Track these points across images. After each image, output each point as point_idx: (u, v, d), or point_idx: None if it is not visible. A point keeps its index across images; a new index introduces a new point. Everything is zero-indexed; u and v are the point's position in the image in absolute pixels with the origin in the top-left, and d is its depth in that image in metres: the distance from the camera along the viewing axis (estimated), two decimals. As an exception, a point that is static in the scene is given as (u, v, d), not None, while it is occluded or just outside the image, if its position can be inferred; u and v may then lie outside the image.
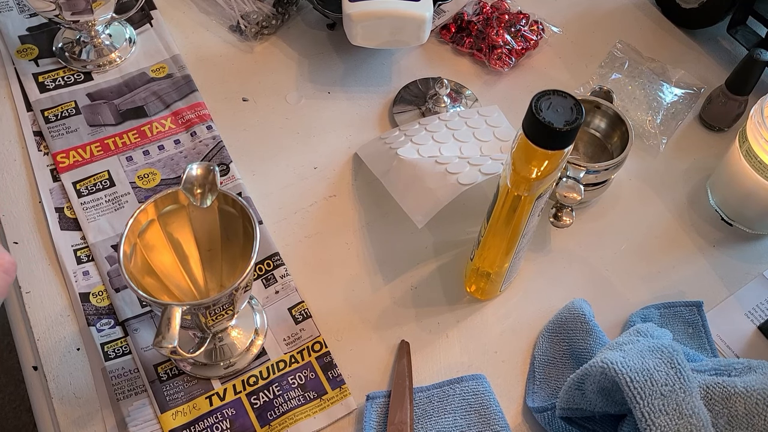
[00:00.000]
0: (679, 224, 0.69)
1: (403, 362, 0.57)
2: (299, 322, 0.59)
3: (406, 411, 0.54)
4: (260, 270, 0.62)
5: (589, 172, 0.62)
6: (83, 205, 0.64)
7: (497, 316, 0.62)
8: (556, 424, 0.54)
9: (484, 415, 0.55)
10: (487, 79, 0.78)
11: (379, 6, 0.67)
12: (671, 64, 0.79)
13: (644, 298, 0.63)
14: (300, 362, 0.57)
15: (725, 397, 0.48)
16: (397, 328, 0.60)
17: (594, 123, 0.68)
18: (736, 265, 0.66)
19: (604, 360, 0.48)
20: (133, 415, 0.54)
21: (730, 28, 0.79)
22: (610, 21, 0.85)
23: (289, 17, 0.81)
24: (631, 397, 0.46)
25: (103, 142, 0.68)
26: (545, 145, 0.45)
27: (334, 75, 0.77)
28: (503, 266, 0.58)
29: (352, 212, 0.67)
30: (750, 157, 0.63)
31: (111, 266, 0.61)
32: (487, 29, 0.79)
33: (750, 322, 0.62)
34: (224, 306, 0.50)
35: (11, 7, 0.78)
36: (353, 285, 0.62)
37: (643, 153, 0.73)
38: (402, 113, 0.73)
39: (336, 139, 0.72)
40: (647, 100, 0.76)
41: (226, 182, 0.67)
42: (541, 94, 0.45)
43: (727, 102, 0.73)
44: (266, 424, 0.54)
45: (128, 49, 0.76)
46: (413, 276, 0.63)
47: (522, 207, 0.50)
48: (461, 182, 0.59)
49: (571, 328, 0.59)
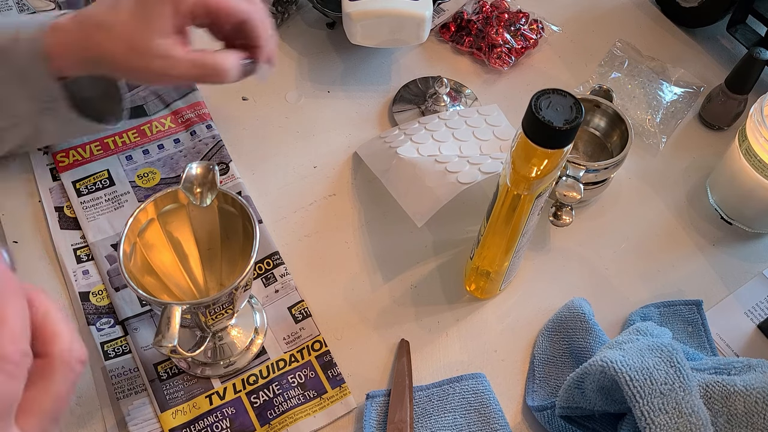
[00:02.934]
0: (679, 223, 0.69)
1: (403, 361, 0.57)
2: (299, 321, 0.59)
3: (406, 410, 0.54)
4: (260, 269, 0.62)
5: (589, 171, 0.62)
6: (83, 205, 0.64)
7: (497, 315, 0.62)
8: (555, 423, 0.54)
9: (483, 414, 0.55)
10: (487, 78, 0.78)
11: (379, 5, 0.67)
12: (671, 63, 0.79)
13: (644, 297, 0.63)
14: (300, 361, 0.57)
15: (725, 395, 0.48)
16: (396, 327, 0.60)
17: (593, 122, 0.68)
18: (735, 263, 0.66)
19: (603, 359, 0.48)
20: (133, 414, 0.54)
21: (729, 26, 0.79)
22: (609, 20, 0.85)
23: (288, 16, 0.81)
24: (631, 395, 0.46)
25: (102, 141, 0.68)
26: (545, 144, 0.45)
27: (333, 74, 0.77)
28: (503, 265, 0.58)
29: (351, 211, 0.67)
30: (749, 155, 0.63)
31: (111, 265, 0.61)
32: (486, 28, 0.79)
33: (749, 320, 0.62)
34: (224, 305, 0.50)
35: (11, 6, 0.78)
36: (353, 284, 0.62)
37: (643, 152, 0.73)
38: (402, 112, 0.73)
39: (335, 138, 0.72)
40: (647, 98, 0.76)
41: (226, 181, 0.67)
42: (540, 93, 0.45)
43: (726, 101, 0.73)
44: (266, 423, 0.54)
45: (128, 48, 0.76)
46: (413, 275, 0.63)
47: (522, 206, 0.50)
48: (461, 181, 0.59)
49: (570, 327, 0.59)
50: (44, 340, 0.33)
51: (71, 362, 0.34)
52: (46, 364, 0.33)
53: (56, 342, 0.33)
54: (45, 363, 0.33)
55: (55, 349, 0.33)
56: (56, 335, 0.33)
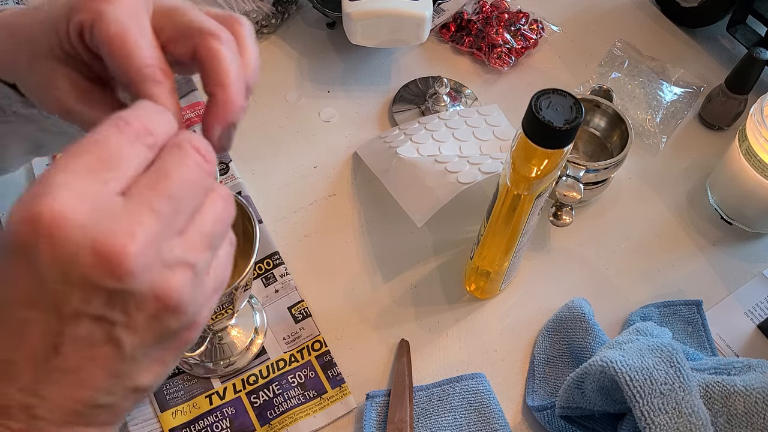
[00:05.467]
0: (679, 223, 0.69)
1: (403, 361, 0.57)
2: (299, 321, 0.59)
3: (406, 410, 0.54)
4: (260, 269, 0.62)
5: (589, 171, 0.62)
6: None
7: (497, 315, 0.62)
8: (555, 422, 0.54)
9: (483, 414, 0.55)
10: (487, 78, 0.78)
11: (379, 5, 0.67)
12: (671, 63, 0.79)
13: (644, 297, 0.63)
14: (300, 361, 0.57)
15: (725, 395, 0.48)
16: (396, 327, 0.60)
17: (594, 122, 0.68)
18: (735, 263, 0.66)
19: (603, 359, 0.48)
20: (133, 414, 0.54)
21: (729, 26, 0.79)
22: (609, 20, 0.85)
23: (288, 16, 0.81)
24: (631, 395, 0.46)
25: (102, 141, 0.68)
26: (545, 144, 0.45)
27: (333, 74, 0.77)
28: (503, 265, 0.58)
29: (351, 211, 0.67)
30: (750, 155, 0.63)
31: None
32: (486, 28, 0.79)
33: (749, 320, 0.62)
34: (224, 305, 0.50)
35: (10, 6, 0.78)
36: (353, 284, 0.62)
37: (643, 152, 0.73)
38: (402, 112, 0.73)
39: (335, 138, 0.72)
40: (647, 98, 0.76)
41: (226, 181, 0.67)
42: (540, 93, 0.45)
43: (726, 101, 0.73)
44: (266, 423, 0.54)
45: (128, 48, 0.76)
46: (413, 275, 0.63)
47: (522, 206, 0.50)
48: (461, 181, 0.59)
49: (570, 327, 0.59)
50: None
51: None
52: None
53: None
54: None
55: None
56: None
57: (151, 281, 0.28)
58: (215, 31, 0.34)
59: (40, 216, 0.26)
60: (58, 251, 0.26)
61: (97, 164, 0.28)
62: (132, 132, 0.29)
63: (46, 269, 0.26)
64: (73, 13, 0.34)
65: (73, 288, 0.27)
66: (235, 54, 0.36)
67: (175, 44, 0.35)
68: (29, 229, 0.26)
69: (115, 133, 0.29)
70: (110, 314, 0.28)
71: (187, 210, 0.30)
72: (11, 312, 0.28)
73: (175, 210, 0.29)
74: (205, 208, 0.31)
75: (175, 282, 0.29)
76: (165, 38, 0.35)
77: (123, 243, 0.26)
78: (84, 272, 0.26)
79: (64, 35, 0.35)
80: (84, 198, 0.27)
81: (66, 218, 0.26)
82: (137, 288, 0.27)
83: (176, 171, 0.29)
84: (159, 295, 0.28)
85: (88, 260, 0.26)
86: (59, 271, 0.26)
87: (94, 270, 0.26)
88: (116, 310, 0.28)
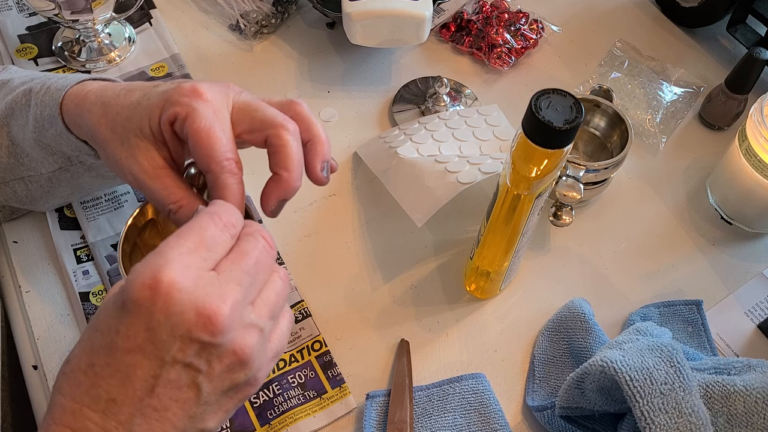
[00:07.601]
0: (679, 223, 0.69)
1: (403, 361, 0.57)
2: (299, 321, 0.59)
3: (406, 410, 0.54)
4: (260, 269, 0.62)
5: (589, 170, 0.62)
6: (83, 205, 0.64)
7: (497, 315, 0.62)
8: (555, 422, 0.54)
9: (483, 414, 0.55)
10: (487, 78, 0.78)
11: (379, 5, 0.67)
12: (671, 63, 0.79)
13: (644, 297, 0.63)
14: (300, 361, 0.57)
15: (725, 395, 0.48)
16: (396, 327, 0.60)
17: (593, 122, 0.68)
18: (735, 263, 0.66)
19: (603, 359, 0.48)
20: (133, 414, 0.54)
21: (729, 26, 0.79)
22: (609, 20, 0.85)
23: (288, 16, 0.81)
24: (631, 395, 0.46)
25: (102, 141, 0.68)
26: (545, 144, 0.45)
27: (333, 74, 0.77)
28: (503, 265, 0.58)
29: (351, 211, 0.67)
30: (750, 155, 0.63)
31: (111, 265, 0.61)
32: (486, 28, 0.79)
33: (749, 320, 0.62)
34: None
35: (11, 6, 0.78)
36: (353, 284, 0.62)
37: (643, 152, 0.73)
38: (402, 112, 0.73)
39: (335, 137, 0.72)
40: (647, 98, 0.76)
41: (226, 181, 0.67)
42: (540, 93, 0.45)
43: (726, 101, 0.73)
44: (266, 423, 0.54)
45: (128, 49, 0.76)
46: (413, 275, 0.63)
47: (522, 206, 0.50)
48: (461, 181, 0.59)
49: (570, 327, 0.59)
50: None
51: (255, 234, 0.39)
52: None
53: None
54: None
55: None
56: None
57: (233, 337, 0.36)
58: (284, 123, 0.44)
59: (159, 283, 0.34)
60: (170, 310, 0.34)
61: (199, 246, 0.36)
62: (222, 224, 0.38)
63: (158, 323, 0.34)
64: (168, 105, 0.42)
65: (176, 339, 0.34)
66: (299, 141, 0.44)
67: (249, 135, 0.44)
68: (149, 293, 0.34)
69: (211, 224, 0.37)
70: (197, 362, 0.35)
71: (259, 284, 0.38)
72: (122, 358, 0.35)
73: (251, 283, 0.37)
74: (269, 285, 0.39)
75: (249, 340, 0.36)
76: (241, 130, 0.44)
77: (218, 305, 0.35)
78: (187, 327, 0.34)
79: (155, 120, 0.43)
80: (190, 271, 0.35)
81: (177, 286, 0.34)
82: (222, 342, 0.35)
83: (252, 254, 0.38)
84: (236, 350, 0.36)
85: (192, 318, 0.34)
86: (169, 325, 0.34)
87: (195, 326, 0.34)
88: (202, 359, 0.35)
